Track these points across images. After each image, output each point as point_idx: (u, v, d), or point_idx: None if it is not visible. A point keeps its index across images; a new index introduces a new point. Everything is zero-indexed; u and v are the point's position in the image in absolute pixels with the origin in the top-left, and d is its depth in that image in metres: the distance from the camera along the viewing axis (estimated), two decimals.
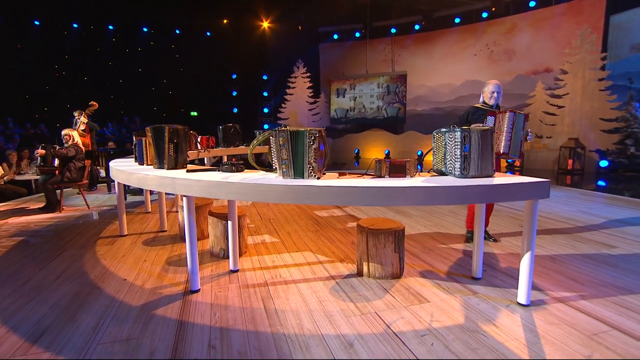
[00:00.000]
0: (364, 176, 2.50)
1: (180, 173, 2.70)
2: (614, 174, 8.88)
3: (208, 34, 13.59)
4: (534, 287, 2.63)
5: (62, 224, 4.60)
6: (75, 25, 11.43)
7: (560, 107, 9.60)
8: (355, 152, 14.57)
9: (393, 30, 13.64)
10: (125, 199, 6.02)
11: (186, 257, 2.59)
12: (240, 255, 3.33)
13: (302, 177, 2.35)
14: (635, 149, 8.64)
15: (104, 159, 6.25)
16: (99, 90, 11.34)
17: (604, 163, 8.99)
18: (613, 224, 4.41)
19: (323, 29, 14.43)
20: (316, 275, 2.95)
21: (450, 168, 2.45)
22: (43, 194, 5.22)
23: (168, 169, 2.93)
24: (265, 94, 14.03)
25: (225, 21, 12.76)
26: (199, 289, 2.65)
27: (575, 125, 9.14)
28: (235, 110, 13.46)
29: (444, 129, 2.49)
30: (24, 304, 2.49)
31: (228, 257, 3.28)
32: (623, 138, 8.75)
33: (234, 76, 13.37)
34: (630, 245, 3.62)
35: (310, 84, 14.43)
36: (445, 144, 2.48)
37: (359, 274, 2.94)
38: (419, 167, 2.66)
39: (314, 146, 2.31)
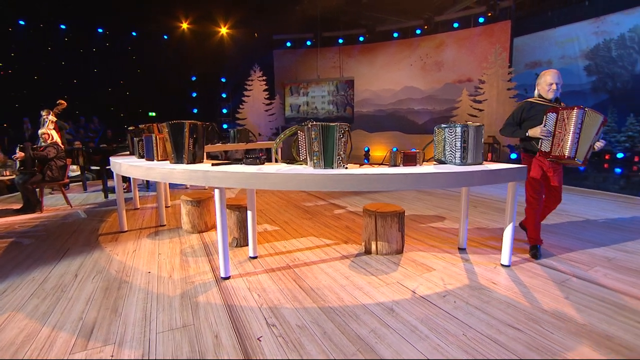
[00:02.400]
0: (381, 165, 2.60)
1: (205, 166, 2.57)
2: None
3: (165, 37, 12.63)
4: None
5: (49, 223, 4.04)
6: (21, 22, 9.86)
7: (480, 110, 10.65)
8: None
9: (340, 41, 13.91)
10: (106, 197, 5.45)
11: (202, 248, 2.48)
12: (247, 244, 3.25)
13: (332, 167, 2.39)
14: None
15: (82, 157, 5.56)
16: (51, 90, 9.97)
17: (513, 155, 10.19)
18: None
19: (277, 37, 14.23)
20: (330, 256, 3.00)
21: (450, 157, 2.65)
22: (14, 194, 4.52)
23: (188, 163, 2.76)
24: (223, 95, 13.47)
25: (184, 26, 11.97)
26: (230, 276, 2.56)
27: (492, 126, 10.20)
28: (195, 110, 12.72)
29: (444, 125, 2.69)
30: (54, 302, 2.20)
31: (242, 246, 3.20)
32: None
33: (194, 78, 12.61)
34: (554, 215, 4.20)
35: (266, 87, 14.18)
36: (445, 138, 2.68)
37: (367, 252, 3.05)
38: (365, 161, 2.76)
39: (343, 139, 2.36)
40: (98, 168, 5.53)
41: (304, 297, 2.26)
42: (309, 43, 14.20)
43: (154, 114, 13.32)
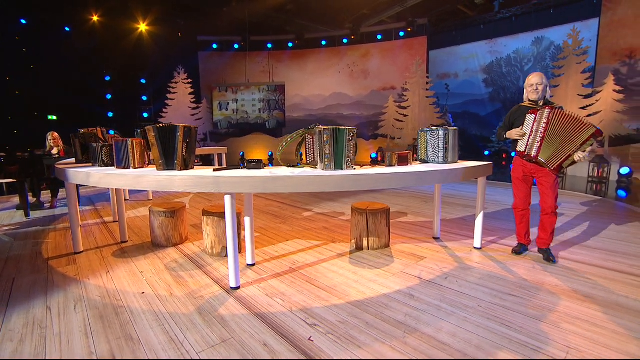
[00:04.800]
0: (377, 166, 2.83)
1: (207, 172, 2.44)
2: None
3: (67, 29, 10.95)
4: (468, 237, 3.48)
5: None
6: None
7: (405, 115, 11.84)
8: (241, 154, 14.30)
9: (269, 45, 13.95)
10: (27, 216, 4.55)
11: (188, 261, 2.39)
12: (240, 252, 3.16)
13: (341, 168, 2.52)
14: None
15: None
16: None
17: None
18: (465, 193, 5.94)
19: (202, 38, 13.56)
20: (326, 255, 3.11)
21: (433, 157, 3.02)
22: None
23: (180, 169, 2.58)
24: (144, 98, 12.25)
25: (95, 19, 10.55)
26: (239, 286, 2.48)
27: (416, 129, 11.47)
28: (110, 114, 11.28)
29: (427, 129, 3.05)
30: (40, 342, 1.86)
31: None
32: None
33: (108, 78, 11.18)
34: (494, 205, 5.02)
35: (192, 90, 13.38)
36: (427, 140, 3.05)
37: (359, 248, 3.24)
38: (297, 164, 2.66)
39: (352, 142, 2.51)
40: (14, 181, 4.58)
41: (327, 296, 2.33)
42: (236, 46, 13.89)
43: (54, 117, 11.43)
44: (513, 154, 3.02)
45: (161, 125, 2.56)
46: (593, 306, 2.15)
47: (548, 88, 2.82)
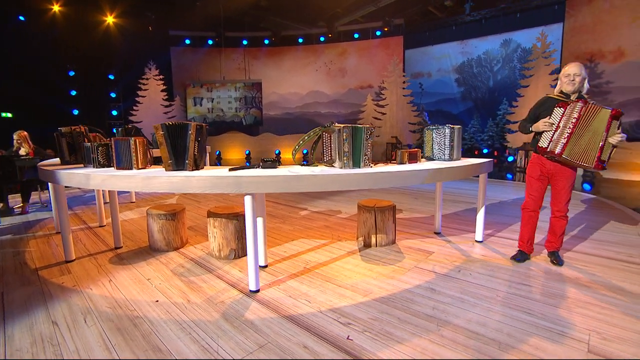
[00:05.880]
0: (389, 163, 2.86)
1: (223, 172, 2.35)
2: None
3: (21, 18, 10.08)
4: (467, 231, 3.62)
5: None
6: None
7: (383, 114, 12.07)
8: (217, 153, 13.91)
9: (245, 42, 13.65)
10: None
11: (195, 265, 2.32)
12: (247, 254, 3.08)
13: (359, 166, 2.52)
14: None
15: None
16: None
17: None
18: (451, 190, 6.17)
19: (174, 33, 13.01)
20: (336, 254, 3.10)
21: (439, 155, 3.10)
22: None
23: (192, 169, 2.47)
24: (112, 95, 11.56)
25: (55, 9, 9.77)
26: (259, 289, 2.41)
27: (394, 127, 11.73)
28: (75, 112, 10.52)
29: (432, 127, 3.12)
30: (58, 355, 1.70)
31: (240, 257, 3.00)
32: (421, 135, 11.84)
33: (72, 73, 10.41)
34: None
35: (164, 87, 12.82)
36: (433, 138, 3.12)
37: (367, 245, 3.26)
38: (277, 163, 2.60)
39: (369, 140, 2.52)
40: None
41: (351, 294, 2.33)
42: (210, 42, 13.47)
43: (9, 114, 10.50)
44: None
45: (171, 123, 2.43)
46: (598, 291, 2.32)
47: (586, 81, 2.54)
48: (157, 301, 2.28)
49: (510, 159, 9.91)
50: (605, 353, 1.70)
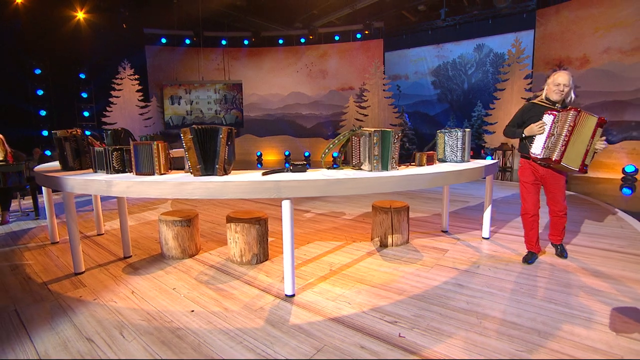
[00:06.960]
0: (410, 166, 2.95)
1: (256, 176, 2.34)
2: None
3: None
4: (472, 228, 3.81)
5: None
6: None
7: (366, 115, 12.28)
8: None
9: (224, 42, 13.39)
10: None
11: (218, 272, 2.32)
12: (268, 259, 3.07)
13: (387, 169, 2.60)
14: (408, 144, 12.26)
15: None
16: None
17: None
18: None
19: (149, 31, 12.51)
20: (356, 255, 3.15)
21: (451, 157, 3.24)
22: None
23: (222, 174, 2.43)
24: (84, 95, 10.92)
25: (18, 1, 9.07)
26: (294, 293, 2.42)
27: (376, 128, 11.98)
28: (42, 113, 9.82)
29: (444, 130, 3.26)
30: None
31: (262, 262, 2.99)
32: (402, 137, 12.20)
33: (38, 72, 9.71)
34: (478, 199, 5.49)
35: (140, 87, 12.29)
36: (445, 141, 3.26)
37: (383, 245, 3.34)
38: (258, 165, 2.76)
39: (397, 144, 2.60)
40: None
41: (386, 293, 2.39)
42: (188, 42, 13.08)
43: None
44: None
45: (201, 127, 2.38)
46: (606, 280, 2.54)
47: (572, 91, 2.64)
48: (193, 311, 2.23)
49: (488, 158, 10.44)
50: (631, 335, 1.88)
